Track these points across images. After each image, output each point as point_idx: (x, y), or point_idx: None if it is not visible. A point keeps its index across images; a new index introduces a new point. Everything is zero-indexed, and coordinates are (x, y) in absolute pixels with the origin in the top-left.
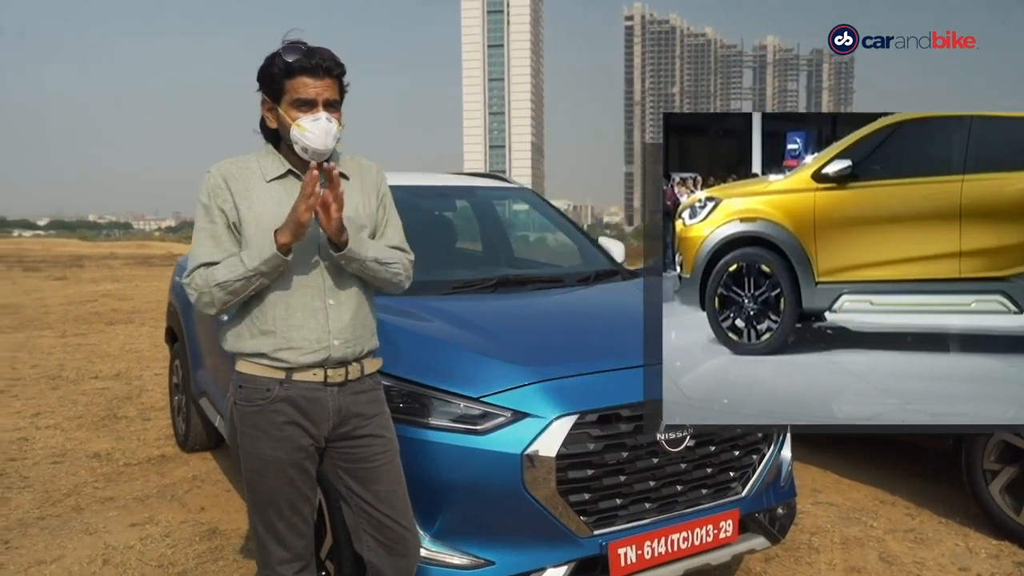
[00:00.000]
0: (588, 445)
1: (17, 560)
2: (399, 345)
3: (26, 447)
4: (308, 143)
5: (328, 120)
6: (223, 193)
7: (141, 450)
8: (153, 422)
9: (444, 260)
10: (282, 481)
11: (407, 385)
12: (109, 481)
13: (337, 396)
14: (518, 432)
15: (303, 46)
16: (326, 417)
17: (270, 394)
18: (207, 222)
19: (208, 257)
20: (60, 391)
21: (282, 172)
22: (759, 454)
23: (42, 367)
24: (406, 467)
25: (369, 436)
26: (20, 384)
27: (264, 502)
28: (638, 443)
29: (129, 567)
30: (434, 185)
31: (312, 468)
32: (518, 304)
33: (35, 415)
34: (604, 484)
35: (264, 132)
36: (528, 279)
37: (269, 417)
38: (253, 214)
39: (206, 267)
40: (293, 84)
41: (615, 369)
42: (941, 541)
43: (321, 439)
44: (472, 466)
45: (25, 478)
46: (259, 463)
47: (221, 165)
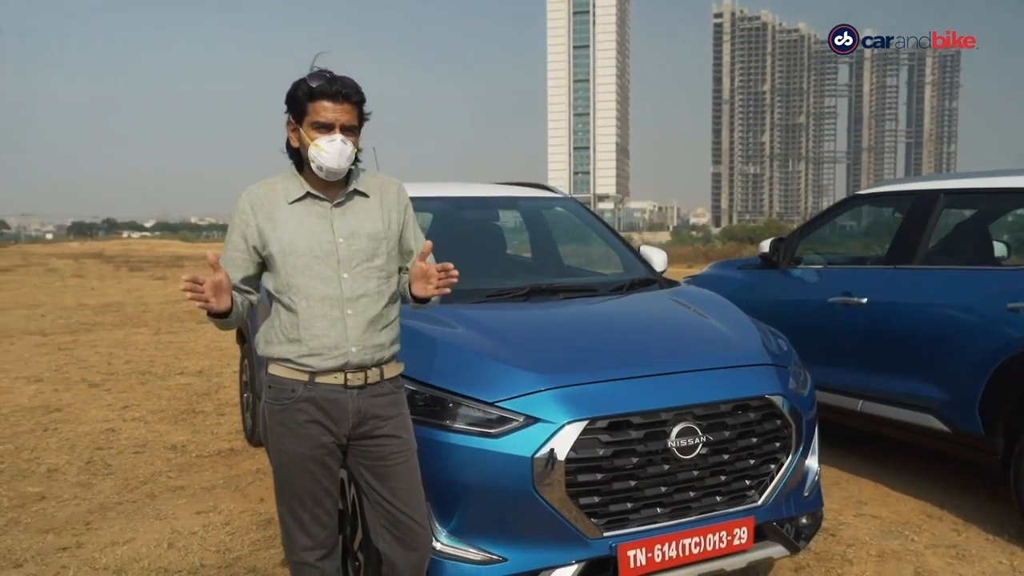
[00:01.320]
0: (598, 450)
1: (95, 540)
2: (424, 351)
3: (113, 437)
4: (323, 162)
5: (343, 142)
6: (249, 219)
7: (213, 443)
8: (227, 417)
9: (481, 269)
10: (305, 475)
11: (429, 389)
12: (182, 471)
13: (356, 398)
14: (530, 436)
15: (328, 73)
16: (346, 417)
17: (295, 394)
18: (230, 248)
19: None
20: (148, 386)
21: (301, 195)
22: (777, 463)
23: (134, 363)
24: (427, 467)
25: (386, 436)
26: (113, 379)
27: (289, 494)
28: (649, 449)
29: (191, 551)
30: (477, 196)
31: (334, 464)
32: (546, 313)
33: (123, 408)
34: (614, 488)
35: (289, 152)
36: (560, 288)
37: (293, 415)
38: (276, 235)
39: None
40: (315, 107)
41: (629, 378)
42: (984, 558)
43: (342, 437)
44: (486, 467)
45: (109, 466)
46: (285, 457)
47: (251, 191)
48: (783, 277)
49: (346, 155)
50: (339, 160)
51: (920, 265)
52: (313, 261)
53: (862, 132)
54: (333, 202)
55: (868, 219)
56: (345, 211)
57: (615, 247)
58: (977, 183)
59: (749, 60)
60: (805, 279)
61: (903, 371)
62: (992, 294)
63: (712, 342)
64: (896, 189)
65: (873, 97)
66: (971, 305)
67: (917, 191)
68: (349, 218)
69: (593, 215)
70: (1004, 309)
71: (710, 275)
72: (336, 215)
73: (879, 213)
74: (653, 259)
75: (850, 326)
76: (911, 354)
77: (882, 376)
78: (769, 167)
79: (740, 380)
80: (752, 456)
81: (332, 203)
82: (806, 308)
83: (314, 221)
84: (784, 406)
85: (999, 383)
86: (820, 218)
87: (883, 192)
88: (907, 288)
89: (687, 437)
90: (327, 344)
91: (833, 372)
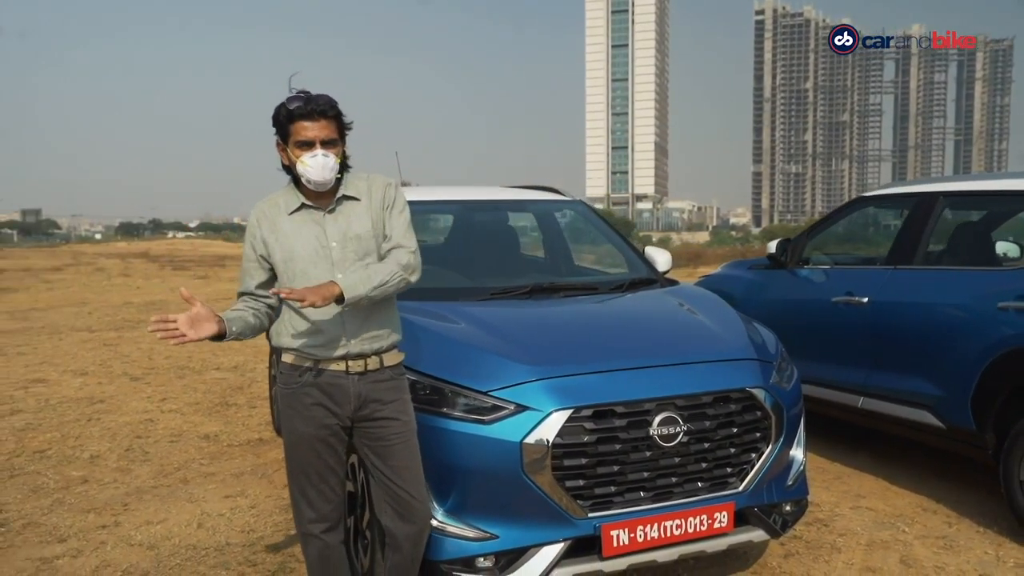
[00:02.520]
0: (583, 437)
1: (131, 520)
2: (426, 345)
3: (151, 427)
4: (310, 176)
5: (324, 156)
6: (256, 231)
7: (243, 433)
8: (258, 409)
9: (493, 268)
10: (311, 453)
11: (429, 379)
12: (213, 459)
13: (358, 383)
14: (519, 423)
15: (304, 94)
16: (348, 401)
17: (302, 380)
18: (246, 259)
19: (244, 288)
20: (185, 380)
21: (298, 206)
22: (758, 452)
23: (174, 359)
24: (427, 451)
25: (386, 419)
26: (153, 373)
27: (298, 470)
28: (632, 437)
29: (218, 531)
30: (491, 199)
31: (338, 445)
32: (544, 310)
33: (162, 400)
34: (599, 472)
35: (285, 169)
36: (561, 287)
37: (301, 398)
38: (279, 245)
39: (244, 296)
40: (295, 128)
41: (615, 370)
42: (971, 549)
43: (345, 419)
44: (479, 451)
45: (147, 453)
46: (294, 437)
47: (258, 206)
48: (790, 277)
49: (329, 167)
50: (323, 173)
51: (919, 266)
52: (310, 266)
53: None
54: (325, 209)
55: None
56: (337, 216)
57: (620, 248)
58: (975, 186)
59: (791, 57)
60: (811, 279)
61: (901, 369)
62: (984, 294)
63: (698, 338)
64: (899, 191)
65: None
66: (965, 304)
67: (918, 193)
68: (340, 222)
69: (600, 217)
70: (995, 308)
71: (722, 275)
72: (328, 221)
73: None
74: (657, 260)
75: (852, 325)
76: (909, 352)
77: (882, 373)
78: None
79: (722, 373)
80: (733, 445)
81: (324, 211)
82: (811, 307)
83: (309, 229)
84: (764, 398)
85: (990, 380)
86: (827, 219)
87: (887, 194)
88: (906, 288)
89: (669, 426)
90: (328, 338)
91: (836, 370)
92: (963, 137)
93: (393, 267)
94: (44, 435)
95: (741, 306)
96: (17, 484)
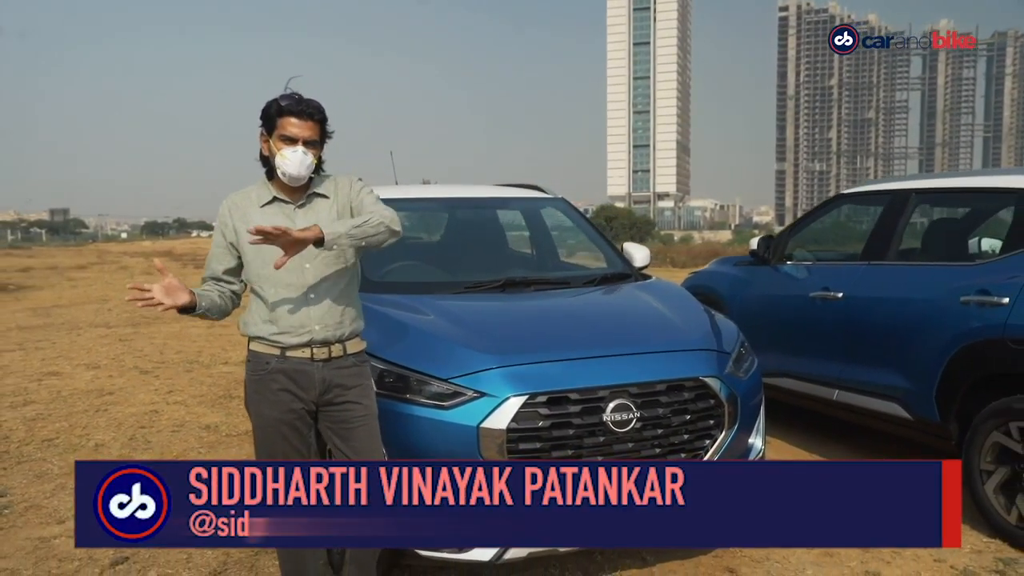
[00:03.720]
0: (538, 422)
1: None
2: (395, 335)
3: (155, 418)
4: (287, 169)
5: (304, 153)
6: (227, 220)
7: (243, 424)
8: None
9: (470, 264)
10: (277, 436)
11: (395, 367)
12: (211, 448)
13: (322, 369)
14: (476, 408)
15: (296, 95)
16: (312, 386)
17: (268, 366)
18: (215, 245)
19: (210, 273)
20: (193, 373)
21: (270, 199)
22: (712, 439)
23: (184, 353)
24: (393, 435)
25: (349, 403)
26: (163, 367)
27: (264, 452)
28: (585, 423)
29: None
30: (470, 197)
31: (304, 428)
32: (512, 304)
33: (168, 392)
34: (553, 456)
35: (262, 161)
36: (534, 281)
37: (268, 384)
38: (248, 235)
39: (208, 281)
40: (283, 123)
41: (572, 359)
42: None
43: (310, 403)
44: (439, 435)
45: (148, 442)
46: (261, 420)
47: (230, 197)
48: (772, 273)
49: (306, 164)
50: (300, 168)
51: (891, 261)
52: (280, 255)
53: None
54: (296, 204)
55: None
56: (307, 211)
57: (599, 244)
58: (945, 183)
59: (815, 54)
60: (791, 275)
61: (873, 362)
62: (949, 289)
63: (656, 328)
64: (875, 189)
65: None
66: (930, 299)
67: (892, 190)
68: (309, 217)
69: (580, 215)
70: (958, 303)
71: (709, 271)
72: (299, 215)
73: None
74: (634, 256)
75: (827, 319)
76: (879, 346)
77: (855, 367)
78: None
79: (676, 362)
80: (687, 432)
81: (295, 204)
82: (790, 303)
83: (279, 220)
84: (719, 387)
85: (952, 372)
86: (808, 216)
87: (863, 192)
88: (877, 283)
89: (622, 412)
90: (294, 324)
91: (813, 363)
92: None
93: (373, 213)
94: (53, 424)
95: (726, 301)
96: (23, 470)
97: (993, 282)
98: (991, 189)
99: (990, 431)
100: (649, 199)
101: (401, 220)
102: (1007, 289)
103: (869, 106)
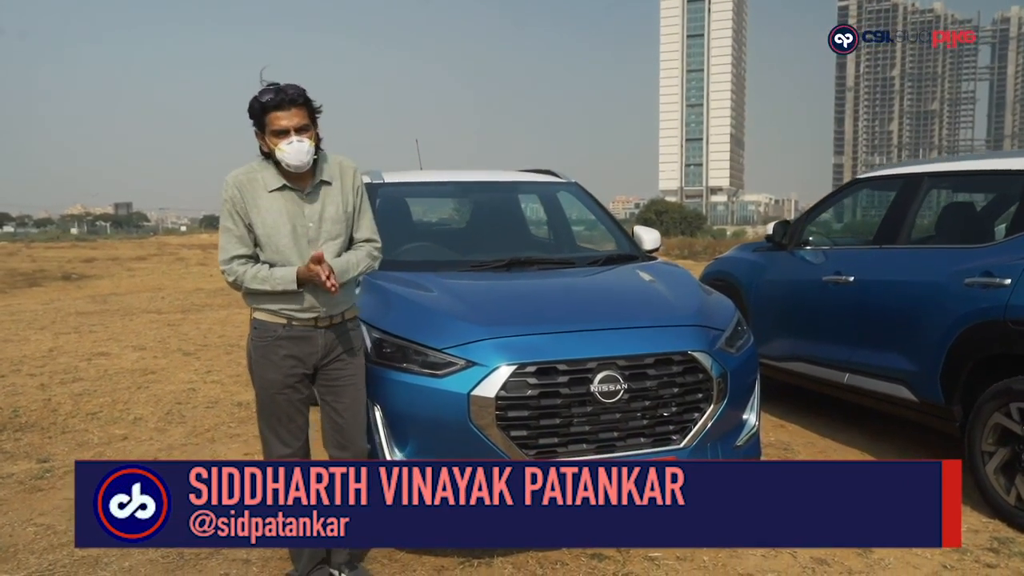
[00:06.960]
0: (526, 391)
1: None
2: (396, 308)
3: (192, 395)
4: (288, 161)
5: (299, 142)
6: (238, 200)
7: None
8: None
9: (483, 244)
10: (282, 398)
11: (393, 338)
12: (241, 423)
13: (325, 335)
14: (467, 376)
15: (275, 86)
16: (315, 351)
17: (275, 334)
18: (231, 223)
19: (238, 251)
20: (231, 355)
21: (279, 186)
22: (700, 412)
23: (227, 337)
24: (390, 402)
25: (341, 362)
26: (205, 349)
27: (269, 412)
28: (573, 392)
29: None
30: (484, 180)
31: (304, 390)
32: (513, 281)
33: (207, 372)
34: (542, 424)
35: (264, 155)
36: (537, 261)
37: (274, 350)
38: (260, 220)
39: (239, 259)
40: (270, 118)
41: (562, 331)
42: None
43: (311, 367)
44: (432, 402)
45: (183, 416)
46: (266, 383)
47: (234, 176)
48: (789, 258)
49: (304, 151)
50: (300, 157)
51: (902, 245)
52: (290, 241)
53: (1004, 118)
54: (304, 192)
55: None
56: (314, 199)
57: (609, 228)
58: (958, 166)
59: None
60: (807, 260)
61: (881, 345)
62: (954, 271)
63: (649, 304)
64: (890, 173)
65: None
66: (935, 281)
67: (906, 174)
68: (316, 205)
69: (592, 199)
70: (962, 285)
71: (728, 257)
72: (307, 203)
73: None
74: (644, 238)
75: (839, 303)
76: (887, 329)
77: (864, 350)
78: (897, 157)
79: (665, 337)
80: (675, 404)
81: (303, 192)
82: (805, 287)
83: (290, 208)
84: (708, 362)
85: (956, 354)
86: (825, 201)
87: (879, 176)
88: (886, 267)
89: (609, 383)
90: (301, 304)
91: (825, 347)
92: None
93: (364, 259)
94: (97, 399)
95: (743, 287)
96: (67, 439)
97: (996, 264)
98: (1000, 172)
99: (991, 412)
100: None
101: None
102: (1009, 270)
103: (933, 97)
